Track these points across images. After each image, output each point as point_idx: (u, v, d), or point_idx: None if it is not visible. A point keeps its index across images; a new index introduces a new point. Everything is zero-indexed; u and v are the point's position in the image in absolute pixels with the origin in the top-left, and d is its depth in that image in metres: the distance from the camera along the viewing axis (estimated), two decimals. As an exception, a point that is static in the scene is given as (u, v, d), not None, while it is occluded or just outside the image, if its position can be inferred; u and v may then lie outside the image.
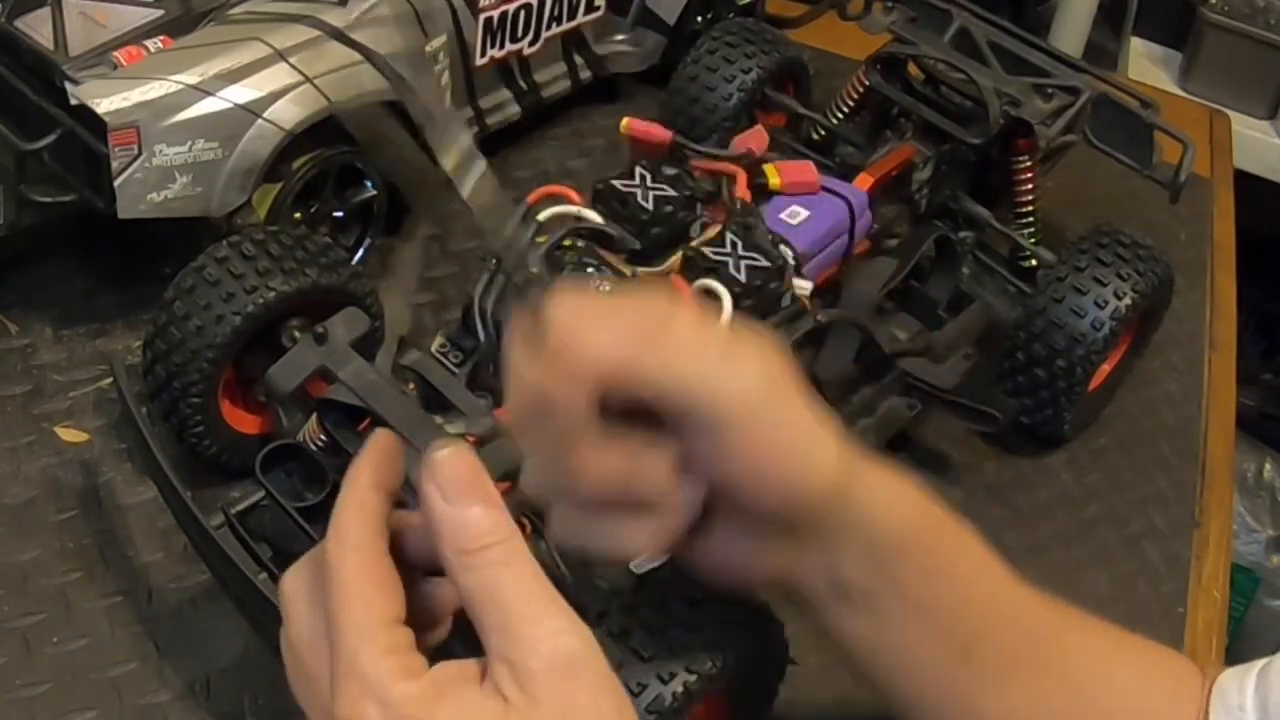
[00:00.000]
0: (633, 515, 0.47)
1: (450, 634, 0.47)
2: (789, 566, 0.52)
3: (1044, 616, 0.59)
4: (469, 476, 0.42)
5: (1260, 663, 0.60)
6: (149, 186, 0.79)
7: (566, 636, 0.40)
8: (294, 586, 0.44)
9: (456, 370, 0.76)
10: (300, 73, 0.82)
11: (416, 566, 0.45)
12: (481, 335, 0.75)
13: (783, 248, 0.78)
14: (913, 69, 0.97)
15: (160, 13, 0.83)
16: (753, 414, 0.45)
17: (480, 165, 0.44)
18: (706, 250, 0.75)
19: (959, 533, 0.56)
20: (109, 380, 0.83)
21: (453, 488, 0.41)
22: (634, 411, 0.45)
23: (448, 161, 0.46)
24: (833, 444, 0.49)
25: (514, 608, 0.40)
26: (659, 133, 0.83)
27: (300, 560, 0.45)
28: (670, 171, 0.80)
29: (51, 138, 0.78)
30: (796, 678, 0.68)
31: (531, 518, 0.68)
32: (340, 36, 0.84)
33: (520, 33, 1.01)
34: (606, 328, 0.43)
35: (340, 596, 0.42)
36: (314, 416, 0.71)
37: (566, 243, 0.75)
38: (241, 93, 0.80)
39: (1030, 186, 0.97)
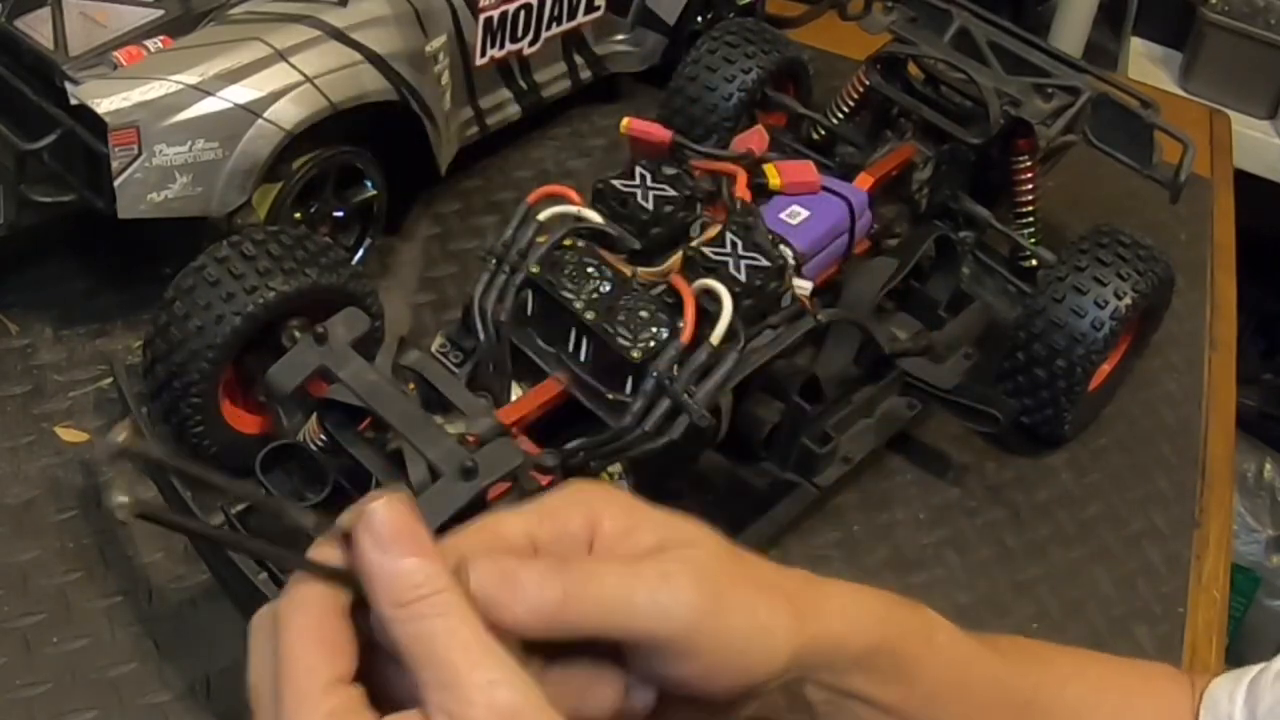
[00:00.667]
0: None
1: None
2: (751, 712, 0.51)
3: (1020, 682, 0.58)
4: (404, 527, 0.41)
5: (1251, 671, 0.60)
6: (149, 186, 0.79)
7: (504, 688, 0.39)
8: (258, 626, 0.43)
9: (456, 370, 0.76)
10: (300, 73, 0.82)
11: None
12: (481, 335, 0.75)
13: (783, 248, 0.78)
14: (913, 69, 0.97)
15: (160, 13, 0.83)
16: (694, 628, 0.45)
17: None
18: (706, 250, 0.75)
19: (924, 624, 0.54)
20: (109, 380, 0.83)
21: (387, 538, 0.40)
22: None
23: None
24: (782, 624, 0.48)
25: (450, 660, 0.40)
26: (659, 133, 0.83)
27: (270, 602, 0.44)
28: (670, 171, 0.80)
29: (51, 138, 0.78)
30: (796, 678, 0.68)
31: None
32: (340, 36, 0.84)
33: (520, 33, 1.01)
34: (526, 596, 0.43)
35: (284, 657, 0.41)
36: (314, 416, 0.71)
37: (566, 243, 0.75)
38: (241, 93, 0.80)
39: (1030, 186, 0.97)
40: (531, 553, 0.44)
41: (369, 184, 0.90)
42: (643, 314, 0.73)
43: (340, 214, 0.90)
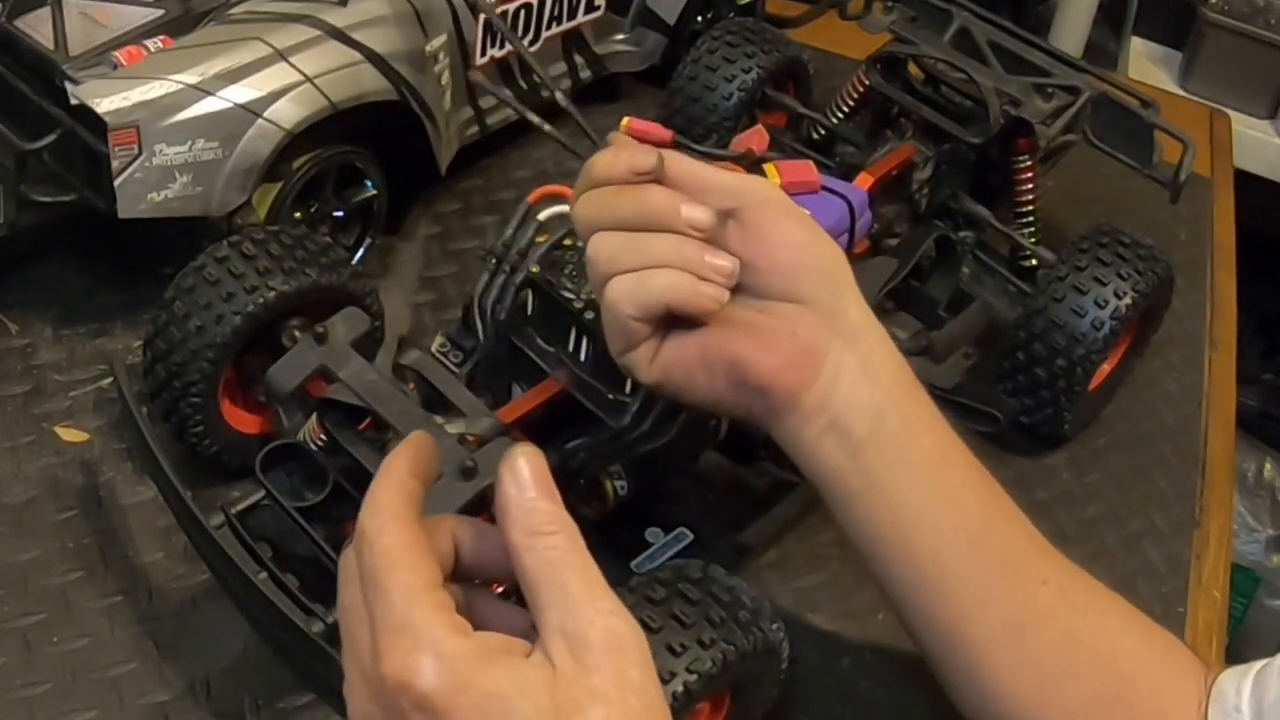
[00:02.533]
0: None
1: None
2: (821, 351, 0.59)
3: (1042, 538, 0.62)
4: (541, 475, 0.45)
5: (1258, 664, 0.61)
6: (149, 186, 0.79)
7: (621, 619, 0.43)
8: (347, 561, 0.47)
9: (456, 370, 0.76)
10: (300, 72, 0.82)
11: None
12: (481, 335, 0.75)
13: (783, 247, 0.78)
14: (913, 69, 0.97)
15: (160, 13, 0.83)
16: (772, 200, 0.60)
17: None
18: (706, 250, 0.75)
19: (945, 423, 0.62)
20: (109, 380, 0.83)
21: (528, 479, 0.45)
22: None
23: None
24: (835, 253, 0.61)
25: (574, 585, 0.43)
26: (659, 132, 0.83)
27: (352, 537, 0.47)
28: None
29: (51, 138, 0.78)
30: (796, 677, 0.68)
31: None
32: (340, 36, 0.84)
33: (520, 33, 1.01)
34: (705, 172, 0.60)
35: (385, 563, 0.44)
36: (314, 416, 0.71)
37: (567, 242, 0.75)
38: (241, 92, 0.80)
39: (1030, 186, 0.97)
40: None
41: (369, 184, 0.90)
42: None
43: (340, 214, 0.90)
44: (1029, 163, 0.96)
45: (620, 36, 1.11)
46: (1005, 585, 0.59)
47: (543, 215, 0.76)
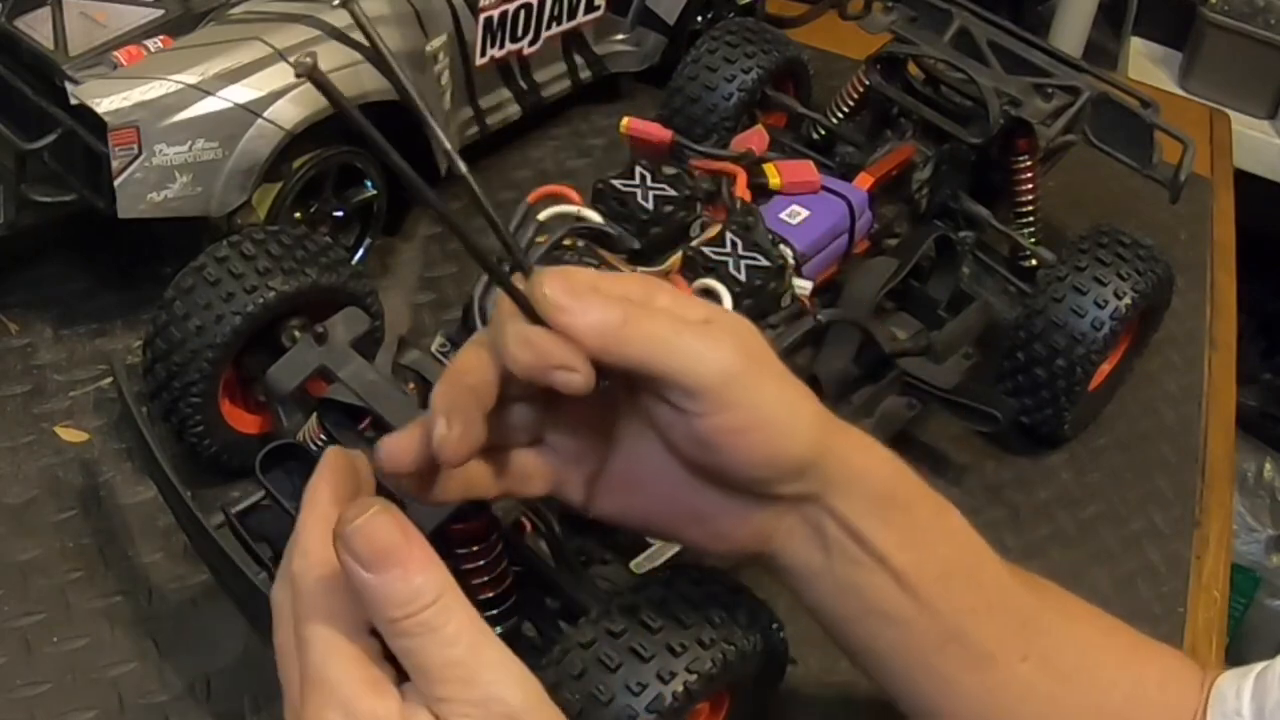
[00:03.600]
0: None
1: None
2: (769, 533, 0.54)
3: (1028, 599, 0.59)
4: (385, 542, 0.41)
5: (1258, 666, 0.60)
6: (149, 186, 0.79)
7: (497, 701, 0.41)
8: (279, 598, 0.45)
9: (456, 370, 0.76)
10: (300, 73, 0.82)
11: None
12: (481, 335, 0.75)
13: (782, 247, 0.78)
14: (913, 69, 0.97)
15: (160, 13, 0.83)
16: (729, 382, 0.48)
17: None
18: (706, 250, 0.75)
19: (938, 502, 0.57)
20: (109, 380, 0.83)
21: (369, 557, 0.41)
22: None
23: None
24: (808, 412, 0.51)
25: (439, 673, 0.41)
26: (659, 132, 0.83)
27: (280, 572, 0.45)
28: (670, 171, 0.80)
29: (51, 138, 0.78)
30: (796, 678, 0.68)
31: (531, 517, 0.68)
32: (340, 36, 0.84)
33: (520, 32, 1.01)
34: (594, 303, 0.46)
35: (306, 608, 0.43)
36: (314, 416, 0.71)
37: (566, 242, 0.75)
38: (241, 92, 0.80)
39: (1030, 186, 0.97)
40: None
41: (369, 184, 0.91)
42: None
43: (340, 214, 0.90)
44: (1029, 163, 0.96)
45: (620, 36, 1.11)
46: (977, 676, 0.57)
47: (543, 215, 0.76)
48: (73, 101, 0.76)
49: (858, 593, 0.55)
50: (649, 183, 0.78)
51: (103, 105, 0.76)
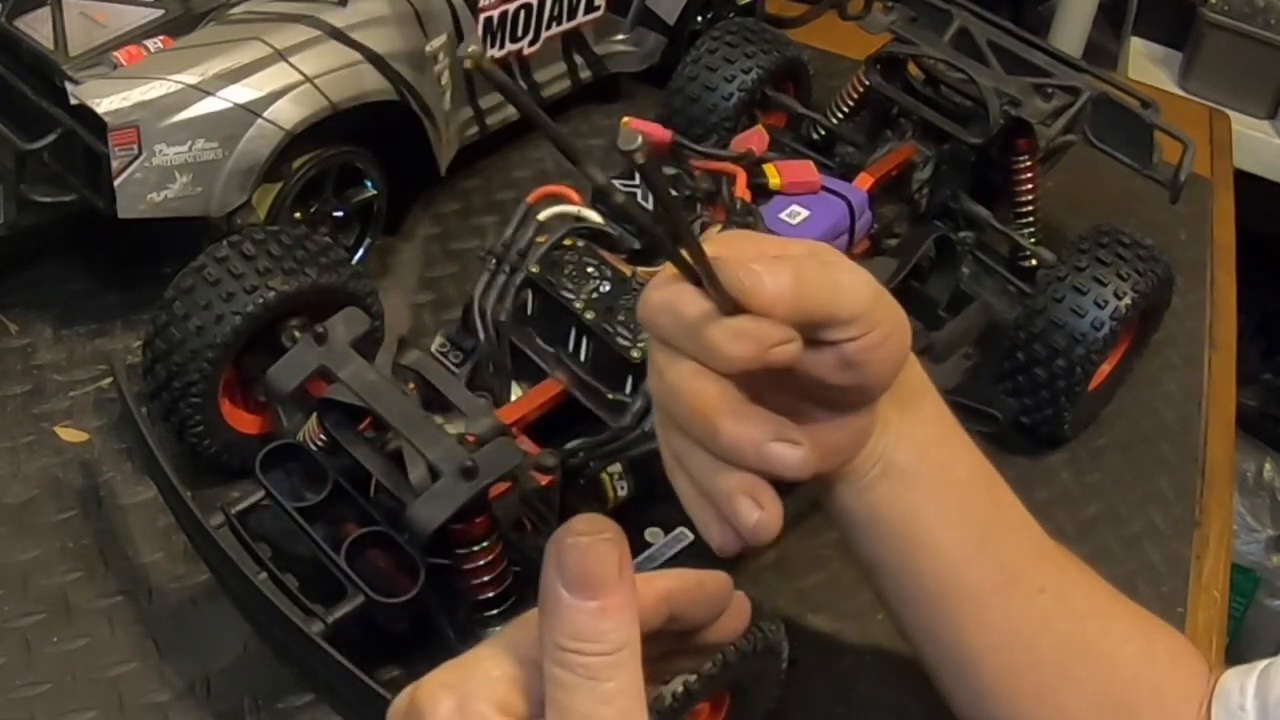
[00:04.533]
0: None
1: None
2: (855, 446, 0.56)
3: (1042, 535, 0.61)
4: (598, 571, 0.38)
5: (1262, 663, 0.61)
6: (149, 186, 0.79)
7: None
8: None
9: (456, 370, 0.76)
10: (300, 72, 0.82)
11: None
12: (481, 335, 0.75)
13: (783, 248, 0.78)
14: (913, 69, 0.97)
15: (160, 13, 0.83)
16: (874, 301, 0.51)
17: None
18: (706, 250, 0.75)
19: (980, 457, 0.60)
20: (109, 380, 0.83)
21: (576, 578, 0.38)
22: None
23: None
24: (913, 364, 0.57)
25: None
26: (659, 133, 0.83)
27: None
28: (670, 171, 0.80)
29: (51, 138, 0.78)
30: (796, 678, 0.68)
31: (531, 517, 0.68)
32: (340, 36, 0.84)
33: (520, 33, 1.01)
34: (768, 281, 0.47)
35: None
36: (314, 416, 0.71)
37: (567, 242, 0.75)
38: (241, 93, 0.80)
39: (1030, 186, 0.97)
40: None
41: (369, 184, 0.91)
42: (643, 314, 0.73)
43: (340, 214, 0.90)
44: (1029, 163, 0.96)
45: (620, 36, 1.11)
46: (1001, 596, 0.59)
47: (543, 215, 0.76)
48: (73, 101, 0.76)
49: (895, 507, 0.57)
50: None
51: (103, 105, 0.76)
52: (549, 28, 1.03)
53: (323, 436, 0.70)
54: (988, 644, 0.59)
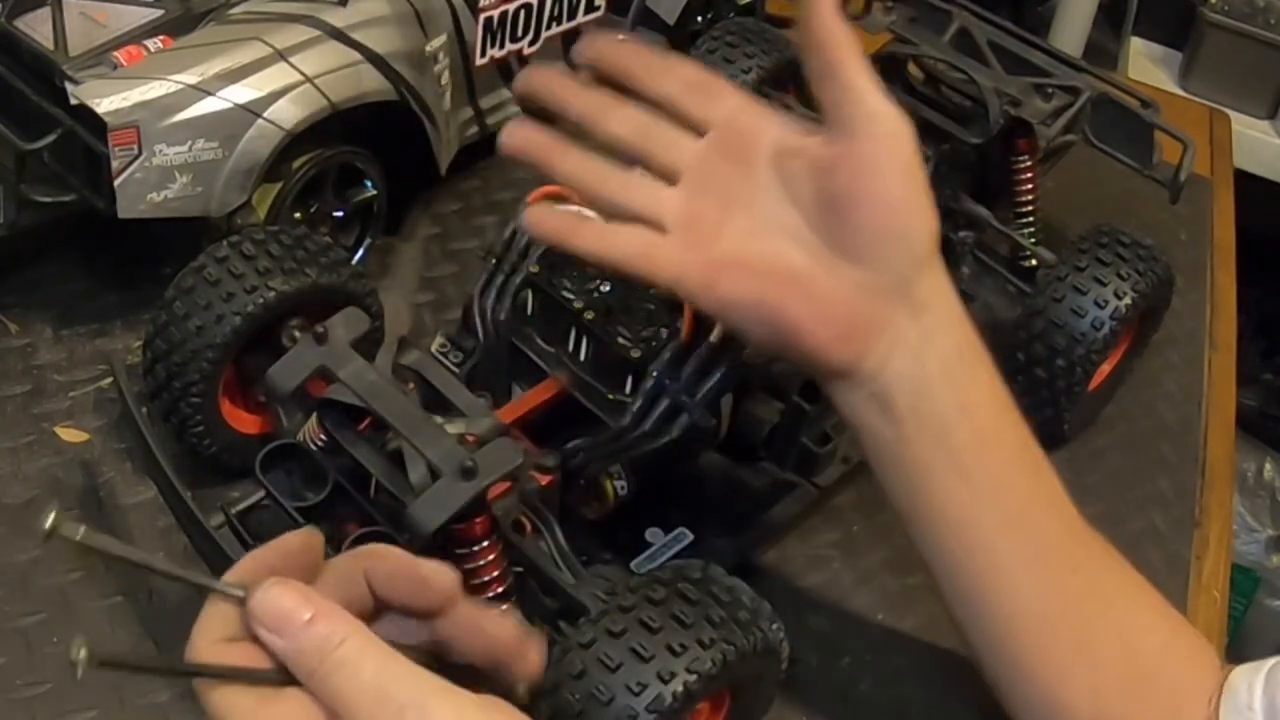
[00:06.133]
0: None
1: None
2: (871, 328, 0.58)
3: (1079, 518, 0.62)
4: (287, 607, 0.44)
5: (1270, 662, 0.61)
6: (149, 186, 0.79)
7: (414, 708, 0.42)
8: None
9: (456, 370, 0.76)
10: (300, 73, 0.82)
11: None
12: (481, 335, 0.75)
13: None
14: (913, 69, 0.97)
15: (160, 13, 0.83)
16: (896, 141, 0.57)
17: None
18: (706, 250, 0.75)
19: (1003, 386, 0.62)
20: (109, 380, 0.83)
21: (275, 624, 0.44)
22: None
23: None
24: (931, 220, 0.61)
25: (360, 706, 0.42)
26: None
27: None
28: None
29: (51, 138, 0.78)
30: (796, 678, 0.68)
31: (531, 517, 0.68)
32: (340, 36, 0.84)
33: (520, 33, 1.01)
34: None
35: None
36: (314, 416, 0.71)
37: (566, 243, 0.75)
38: (241, 93, 0.80)
39: (1030, 186, 0.97)
40: None
41: (369, 184, 0.91)
42: (642, 314, 0.73)
43: (340, 214, 0.90)
44: (1029, 163, 0.96)
45: (620, 37, 1.11)
46: (1032, 571, 0.60)
47: (543, 215, 0.76)
48: (73, 101, 0.76)
49: (932, 450, 0.58)
50: (649, 183, 0.78)
51: (103, 105, 0.76)
52: (549, 28, 1.03)
53: (323, 436, 0.70)
54: (1014, 612, 0.60)
